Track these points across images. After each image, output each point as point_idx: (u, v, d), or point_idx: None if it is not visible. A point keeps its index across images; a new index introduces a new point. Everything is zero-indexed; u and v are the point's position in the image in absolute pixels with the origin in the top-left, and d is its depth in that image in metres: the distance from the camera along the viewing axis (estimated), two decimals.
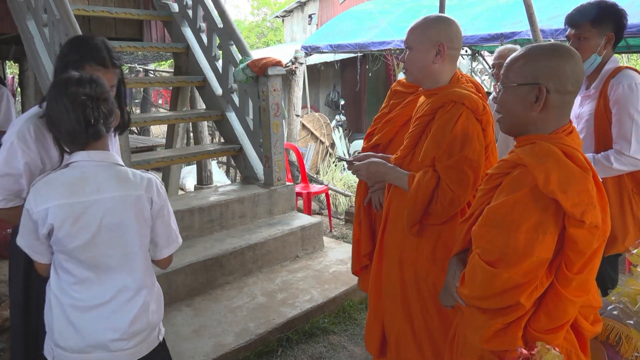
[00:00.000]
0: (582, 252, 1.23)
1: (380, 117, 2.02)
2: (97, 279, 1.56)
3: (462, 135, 1.70)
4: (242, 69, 3.93)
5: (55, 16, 3.53)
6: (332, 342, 2.98)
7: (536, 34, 3.57)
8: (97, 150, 1.53)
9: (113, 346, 1.56)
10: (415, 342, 1.89)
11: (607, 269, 2.23)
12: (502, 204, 1.27)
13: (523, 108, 1.33)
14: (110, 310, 1.56)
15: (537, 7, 3.70)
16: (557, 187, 1.20)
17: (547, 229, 1.22)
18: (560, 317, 1.28)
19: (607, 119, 2.13)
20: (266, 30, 22.85)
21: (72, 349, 1.55)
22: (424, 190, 1.74)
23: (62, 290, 1.56)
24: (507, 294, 1.26)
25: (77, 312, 1.55)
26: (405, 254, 1.89)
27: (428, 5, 7.14)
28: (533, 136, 1.34)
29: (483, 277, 1.28)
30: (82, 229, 1.50)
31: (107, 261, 1.55)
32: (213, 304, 3.18)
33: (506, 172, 1.34)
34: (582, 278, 1.26)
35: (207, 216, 3.68)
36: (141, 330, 1.62)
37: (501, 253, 1.25)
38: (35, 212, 1.48)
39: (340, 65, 9.41)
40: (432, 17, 1.83)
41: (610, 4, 2.15)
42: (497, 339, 1.31)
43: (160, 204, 1.63)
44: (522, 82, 1.32)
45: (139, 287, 1.62)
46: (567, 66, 1.29)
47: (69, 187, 1.49)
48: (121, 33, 5.21)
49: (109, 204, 1.52)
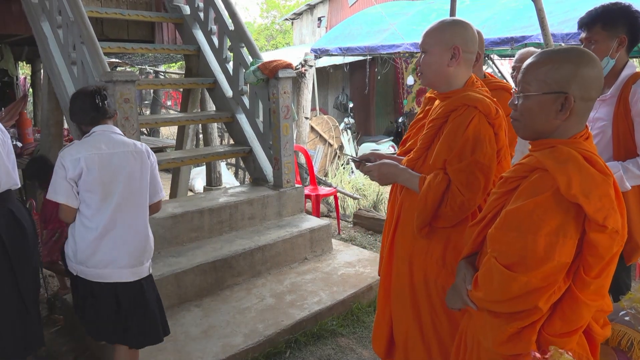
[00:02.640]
0: (602, 257, 1.23)
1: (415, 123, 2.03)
2: (112, 211, 2.17)
3: (473, 138, 1.70)
4: (253, 71, 3.96)
5: (69, 18, 3.57)
6: (341, 345, 2.98)
7: (547, 38, 3.56)
8: (105, 124, 2.27)
9: (121, 264, 2.19)
10: (423, 344, 1.89)
11: (622, 275, 2.21)
12: (522, 207, 1.26)
13: (546, 116, 1.30)
14: (121, 236, 2.19)
15: (548, 11, 3.70)
16: (579, 191, 1.19)
17: (568, 233, 1.21)
18: (576, 321, 1.27)
19: (628, 125, 2.10)
20: (275, 32, 22.92)
21: (91, 265, 2.17)
22: (434, 192, 1.74)
23: (83, 224, 2.18)
24: (524, 297, 1.25)
25: (95, 238, 2.16)
26: (415, 256, 1.89)
27: (438, 9, 7.14)
28: (551, 140, 1.32)
29: (500, 280, 1.27)
30: (106, 171, 2.15)
31: (123, 198, 2.19)
32: (222, 304, 3.19)
33: (523, 176, 1.33)
34: (600, 283, 1.26)
35: (216, 217, 3.70)
36: (142, 254, 2.26)
37: (520, 256, 1.24)
38: (69, 160, 2.11)
39: (349, 68, 9.41)
40: (448, 21, 1.83)
41: (623, 6, 2.11)
42: (511, 343, 1.30)
43: (153, 160, 2.35)
44: (547, 91, 1.28)
45: (145, 220, 2.29)
46: (592, 72, 1.27)
47: (93, 144, 2.18)
48: (133, 35, 5.26)
49: (122, 155, 2.21)
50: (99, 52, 3.28)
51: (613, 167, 2.09)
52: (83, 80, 3.54)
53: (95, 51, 3.29)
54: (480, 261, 1.46)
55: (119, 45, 4.37)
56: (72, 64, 3.70)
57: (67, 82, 3.78)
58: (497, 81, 2.52)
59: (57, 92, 3.93)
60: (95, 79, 3.34)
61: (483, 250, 1.46)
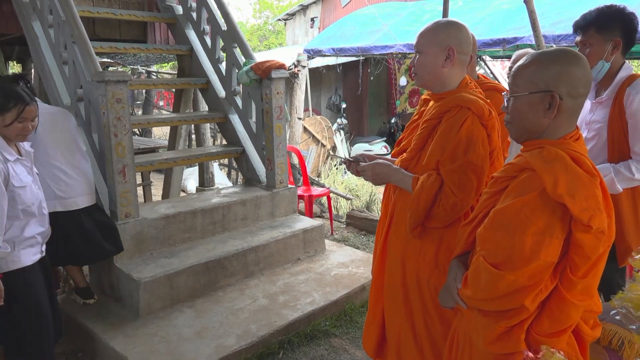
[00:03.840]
0: (588, 257, 1.24)
1: (411, 124, 2.05)
2: None
3: (466, 139, 1.71)
4: (246, 72, 3.95)
5: (60, 17, 3.54)
6: (334, 345, 2.98)
7: (539, 40, 3.59)
8: None
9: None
10: (416, 344, 1.89)
11: (615, 275, 2.22)
12: (509, 207, 1.27)
13: (535, 116, 1.33)
14: None
15: (540, 12, 3.73)
16: (565, 191, 1.21)
17: (554, 233, 1.23)
18: (564, 321, 1.29)
19: (622, 127, 2.11)
20: (268, 33, 22.91)
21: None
22: (427, 193, 1.75)
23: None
24: (511, 296, 1.27)
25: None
26: (408, 256, 1.89)
27: (431, 10, 7.17)
28: (541, 141, 1.34)
29: (487, 279, 1.29)
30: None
31: None
32: (215, 305, 3.18)
33: (513, 176, 1.35)
34: (587, 282, 1.27)
35: (209, 218, 3.69)
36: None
37: (507, 255, 1.26)
38: None
39: (342, 68, 9.43)
40: (443, 22, 1.83)
41: (617, 8, 2.11)
42: (501, 341, 1.31)
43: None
44: (533, 90, 1.32)
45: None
46: (577, 69, 1.30)
47: None
48: (125, 34, 5.23)
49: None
50: (90, 51, 3.26)
51: (605, 169, 2.10)
52: (74, 79, 3.52)
53: (87, 51, 3.27)
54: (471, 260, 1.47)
55: (111, 45, 4.34)
56: (63, 63, 3.68)
57: (59, 81, 3.75)
58: (489, 82, 2.54)
59: (48, 92, 3.90)
60: (87, 79, 3.33)
61: (474, 249, 1.47)
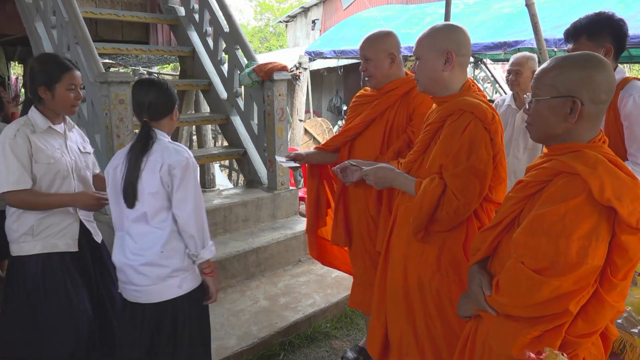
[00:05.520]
0: (630, 259, 1.24)
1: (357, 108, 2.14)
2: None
3: (469, 144, 1.71)
4: (248, 74, 3.96)
5: (64, 18, 3.56)
6: (334, 347, 2.99)
7: (540, 43, 3.60)
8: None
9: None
10: (417, 347, 1.89)
11: None
12: (552, 212, 1.25)
13: (557, 120, 1.33)
14: None
15: (541, 16, 3.74)
16: (612, 195, 1.20)
17: (600, 236, 1.22)
18: (599, 322, 1.28)
19: (618, 131, 2.14)
20: (269, 35, 22.95)
21: None
22: (430, 197, 1.75)
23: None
24: (555, 301, 1.25)
25: None
26: (410, 259, 1.89)
27: (432, 13, 7.19)
28: (573, 144, 1.33)
29: (529, 285, 1.26)
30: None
31: None
32: (216, 307, 3.18)
33: (547, 180, 1.33)
34: (625, 284, 1.28)
35: (210, 219, 3.69)
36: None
37: (551, 261, 1.24)
38: None
39: (343, 70, 9.45)
40: (439, 26, 1.84)
41: (606, 15, 2.14)
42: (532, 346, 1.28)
43: None
44: (555, 95, 1.32)
45: None
46: (600, 75, 1.30)
47: None
48: (128, 36, 5.25)
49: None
50: (93, 52, 3.27)
51: None
52: None
53: (90, 52, 3.28)
54: (492, 266, 1.46)
55: (113, 46, 4.35)
56: None
57: None
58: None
59: None
60: (89, 80, 3.33)
61: (497, 254, 1.46)
